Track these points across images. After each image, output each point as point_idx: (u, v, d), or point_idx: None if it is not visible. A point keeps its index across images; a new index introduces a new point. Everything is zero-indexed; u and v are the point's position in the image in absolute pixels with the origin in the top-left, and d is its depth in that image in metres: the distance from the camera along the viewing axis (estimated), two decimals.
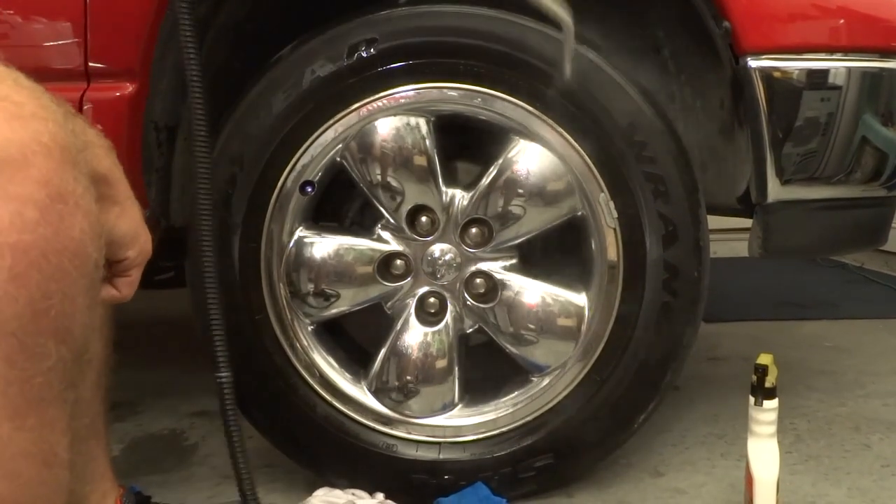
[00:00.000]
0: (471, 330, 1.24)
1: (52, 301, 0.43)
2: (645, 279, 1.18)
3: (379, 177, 1.17)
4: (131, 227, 0.63)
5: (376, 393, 1.23)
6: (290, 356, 1.22)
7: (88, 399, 0.48)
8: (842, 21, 1.19)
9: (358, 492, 1.18)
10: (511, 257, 1.22)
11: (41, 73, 0.59)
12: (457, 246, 1.20)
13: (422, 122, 1.16)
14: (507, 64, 1.14)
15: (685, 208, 1.17)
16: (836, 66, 1.17)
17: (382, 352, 1.22)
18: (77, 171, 0.45)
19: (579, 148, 1.16)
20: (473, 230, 1.20)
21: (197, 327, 1.18)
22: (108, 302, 0.67)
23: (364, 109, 1.16)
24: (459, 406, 1.23)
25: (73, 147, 0.45)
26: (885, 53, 1.21)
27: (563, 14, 0.99)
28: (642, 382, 1.20)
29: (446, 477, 1.22)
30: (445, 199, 1.19)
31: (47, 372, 0.43)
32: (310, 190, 1.19)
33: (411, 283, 1.21)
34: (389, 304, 1.23)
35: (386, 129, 1.16)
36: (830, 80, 1.17)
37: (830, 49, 1.17)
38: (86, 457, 0.48)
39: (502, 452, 1.22)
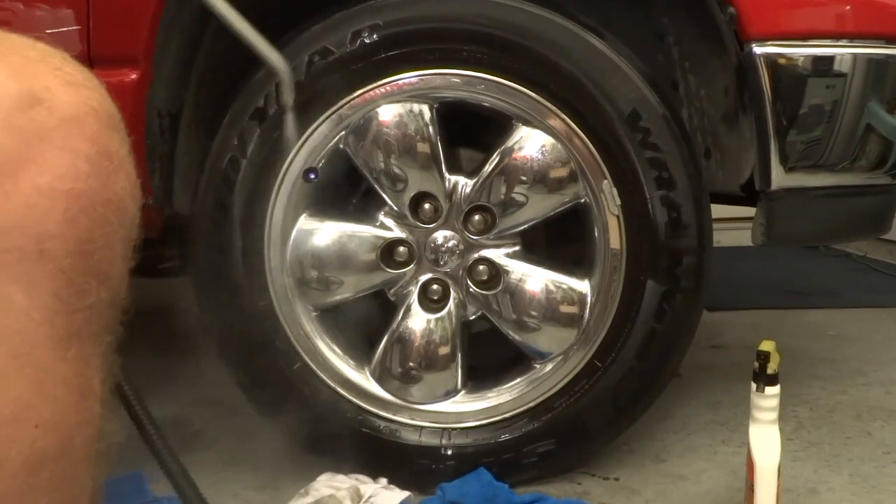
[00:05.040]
0: (474, 317, 1.24)
1: (96, 245, 0.47)
2: (648, 266, 1.18)
3: (382, 164, 1.17)
4: None
5: (380, 379, 1.23)
6: (293, 342, 1.22)
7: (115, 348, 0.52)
8: (847, 7, 1.18)
9: (361, 477, 1.18)
10: (514, 244, 1.22)
11: None
12: (460, 233, 1.20)
13: (425, 108, 1.16)
14: (510, 50, 1.13)
15: (689, 195, 1.16)
16: (842, 52, 1.16)
17: (385, 338, 1.22)
18: (120, 135, 0.51)
19: (582, 135, 1.15)
20: (476, 217, 1.20)
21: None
22: None
23: (367, 96, 1.16)
24: (462, 392, 1.24)
25: (115, 114, 0.52)
26: (891, 40, 1.20)
27: (276, 59, 1.07)
28: (644, 369, 1.20)
29: (449, 462, 1.22)
30: (448, 185, 1.19)
31: (88, 309, 0.48)
32: (313, 177, 1.19)
33: (414, 270, 1.21)
34: (393, 290, 1.23)
35: (389, 115, 1.16)
36: (836, 66, 1.16)
37: (836, 35, 1.16)
38: (112, 402, 0.53)
39: (505, 438, 1.22)
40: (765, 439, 1.04)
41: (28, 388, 0.45)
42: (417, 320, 1.21)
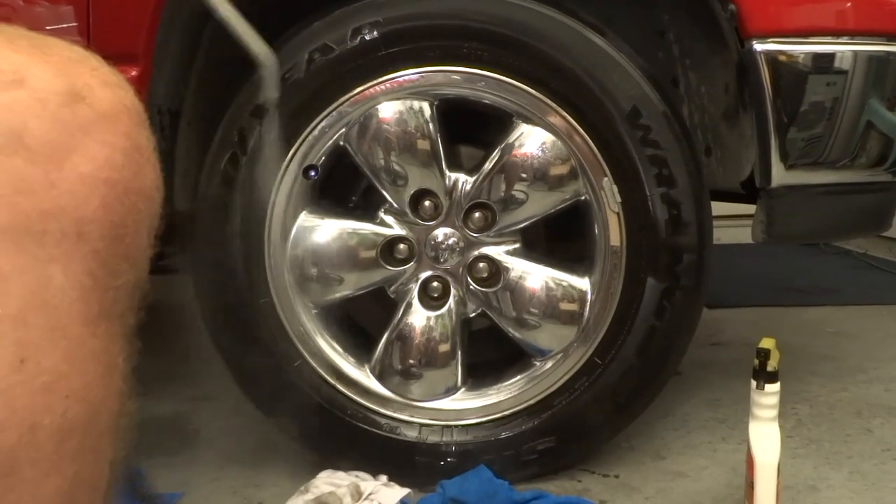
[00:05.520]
0: (474, 314, 1.24)
1: (127, 230, 0.52)
2: (648, 264, 1.18)
3: (382, 161, 1.17)
4: None
5: (380, 376, 1.23)
6: (293, 340, 1.22)
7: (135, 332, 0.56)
8: (848, 4, 1.18)
9: (361, 474, 1.19)
10: (514, 241, 1.22)
11: None
12: (460, 230, 1.20)
13: (425, 105, 1.16)
14: (511, 47, 1.13)
15: (689, 192, 1.16)
16: (842, 49, 1.16)
17: (386, 336, 1.22)
18: (148, 132, 0.56)
19: (583, 132, 1.15)
20: (477, 214, 1.20)
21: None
22: None
23: (367, 93, 1.15)
24: (462, 389, 1.24)
25: (143, 113, 0.56)
26: (892, 37, 1.20)
27: (262, 49, 1.04)
28: (644, 367, 1.20)
29: (449, 459, 1.22)
30: (449, 183, 1.19)
31: (117, 289, 0.52)
32: (313, 174, 1.19)
33: (414, 268, 1.21)
34: (393, 288, 1.23)
35: (389, 112, 1.16)
36: (836, 64, 1.16)
37: (837, 32, 1.16)
38: (131, 383, 0.57)
39: (505, 435, 1.23)
40: (765, 436, 1.04)
41: (62, 360, 0.48)
42: (417, 317, 1.21)
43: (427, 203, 1.20)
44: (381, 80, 1.15)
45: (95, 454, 0.51)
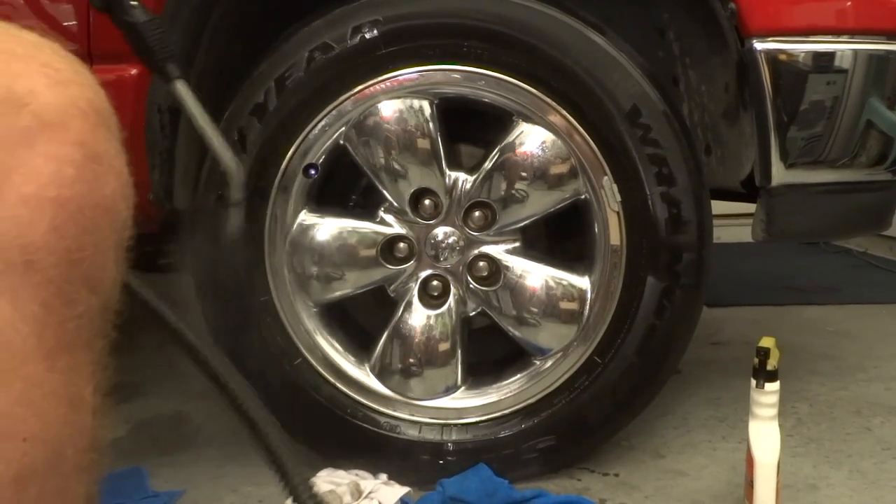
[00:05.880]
0: (474, 313, 1.24)
1: (85, 252, 0.46)
2: (648, 263, 1.18)
3: (382, 160, 1.17)
4: None
5: (380, 375, 1.23)
6: (293, 338, 1.22)
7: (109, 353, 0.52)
8: (848, 3, 1.18)
9: (361, 472, 1.19)
10: (514, 240, 1.22)
11: None
12: (460, 229, 1.20)
13: (425, 104, 1.16)
14: (511, 46, 1.13)
15: (689, 192, 1.16)
16: (843, 48, 1.16)
17: (385, 334, 1.23)
18: (110, 133, 0.49)
19: (583, 131, 1.15)
20: (477, 213, 1.20)
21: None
22: None
23: (367, 91, 1.15)
24: (462, 388, 1.24)
25: (106, 111, 0.50)
26: (892, 36, 1.20)
27: (231, 159, 1.08)
28: (644, 365, 1.20)
29: (449, 458, 1.22)
30: (449, 182, 1.19)
31: (79, 318, 0.47)
32: (313, 172, 1.19)
33: (414, 266, 1.21)
34: (393, 286, 1.23)
35: (389, 111, 1.16)
36: (836, 62, 1.16)
37: (837, 31, 1.16)
38: (107, 408, 0.51)
39: (505, 434, 1.23)
40: (764, 435, 1.04)
41: (16, 403, 0.44)
42: (417, 316, 1.21)
43: (427, 202, 1.20)
44: (381, 78, 1.15)
45: (63, 496, 0.47)
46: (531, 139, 1.16)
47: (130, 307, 0.54)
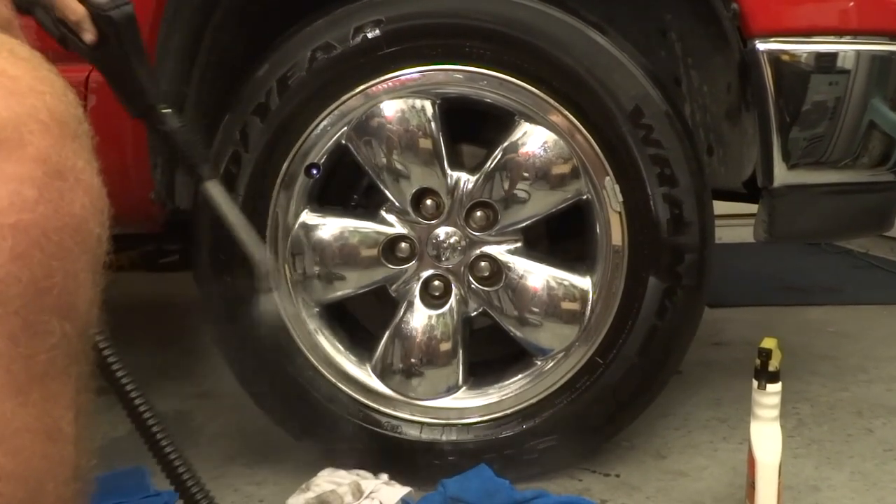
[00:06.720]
0: (475, 313, 1.24)
1: (55, 279, 0.42)
2: (650, 263, 1.18)
3: (384, 160, 1.17)
4: None
5: (381, 375, 1.23)
6: (295, 338, 1.22)
7: (92, 373, 0.49)
8: (851, 4, 1.17)
9: (362, 472, 1.19)
10: (516, 240, 1.22)
11: (44, 55, 0.59)
12: (461, 229, 1.20)
13: (427, 104, 1.16)
14: (513, 46, 1.13)
15: (691, 192, 1.16)
16: (845, 49, 1.16)
17: (387, 334, 1.23)
18: (77, 144, 0.45)
19: (585, 131, 1.15)
20: (478, 213, 1.20)
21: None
22: None
23: (369, 91, 1.15)
24: (464, 388, 1.24)
25: (72, 119, 0.45)
26: (894, 36, 1.19)
27: (263, 255, 1.10)
28: (646, 366, 1.20)
29: (450, 458, 1.22)
30: (450, 182, 1.19)
31: (51, 349, 0.43)
32: (315, 172, 1.19)
33: (416, 266, 1.21)
34: (394, 286, 1.23)
35: (391, 111, 1.16)
36: (839, 63, 1.16)
37: (839, 32, 1.16)
38: (91, 431, 0.49)
39: (506, 434, 1.23)
40: (766, 436, 1.04)
41: None
42: (419, 316, 1.21)
43: (429, 202, 1.20)
44: (383, 78, 1.15)
45: None
46: (533, 139, 1.16)
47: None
